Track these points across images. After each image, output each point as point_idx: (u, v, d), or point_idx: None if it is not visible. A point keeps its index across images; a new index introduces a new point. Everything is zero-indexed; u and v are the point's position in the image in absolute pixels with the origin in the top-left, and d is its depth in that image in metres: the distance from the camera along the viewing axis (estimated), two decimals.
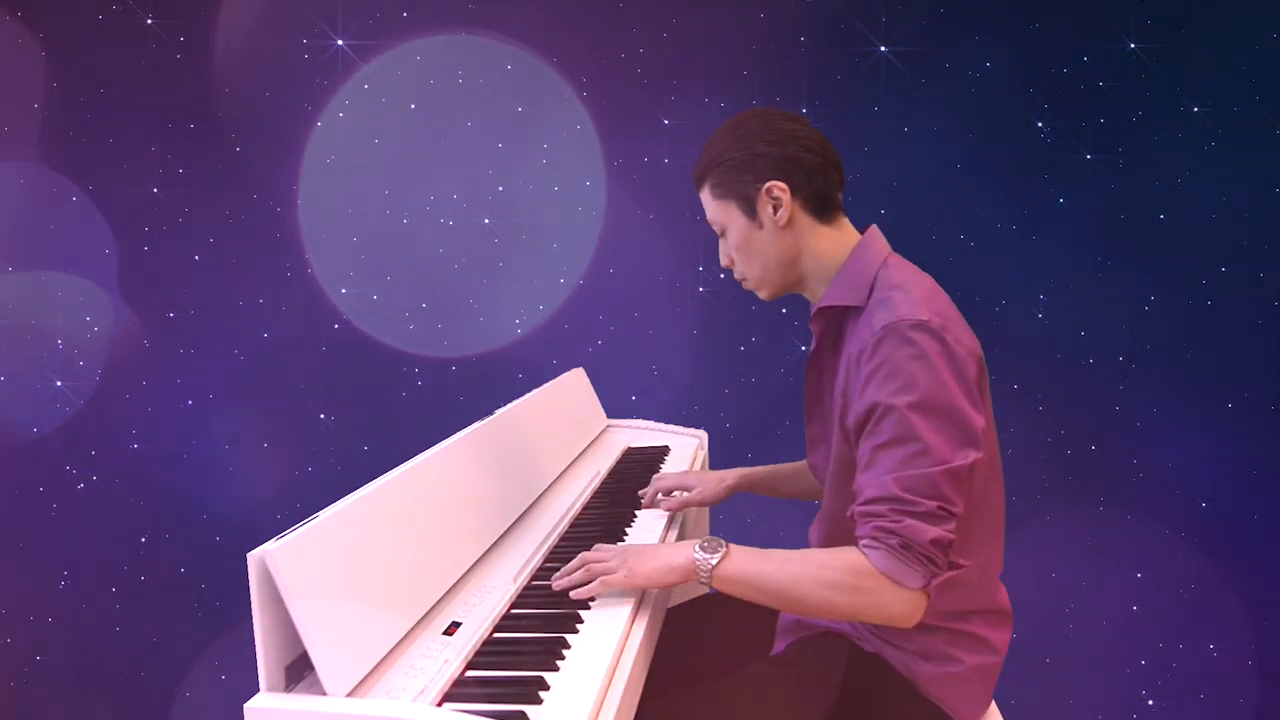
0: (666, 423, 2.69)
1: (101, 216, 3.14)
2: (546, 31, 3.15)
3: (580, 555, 1.51)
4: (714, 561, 1.40)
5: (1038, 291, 3.08)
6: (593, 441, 2.49)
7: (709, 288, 3.21)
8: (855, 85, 3.07)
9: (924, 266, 1.56)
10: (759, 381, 3.20)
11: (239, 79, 3.12)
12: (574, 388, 2.52)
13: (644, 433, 2.67)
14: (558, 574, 1.50)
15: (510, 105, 3.18)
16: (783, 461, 2.03)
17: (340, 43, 3.12)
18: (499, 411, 1.98)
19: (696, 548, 1.42)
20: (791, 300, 3.16)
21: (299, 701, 1.10)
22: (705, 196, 1.60)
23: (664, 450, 2.48)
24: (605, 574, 1.45)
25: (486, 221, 3.22)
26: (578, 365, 2.64)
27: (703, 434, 2.63)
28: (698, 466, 2.41)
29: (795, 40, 3.10)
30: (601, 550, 1.51)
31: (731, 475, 1.99)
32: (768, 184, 1.51)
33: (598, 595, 1.43)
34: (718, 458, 2.65)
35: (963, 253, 3.11)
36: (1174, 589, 3.08)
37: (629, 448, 2.53)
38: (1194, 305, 3.05)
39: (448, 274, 3.22)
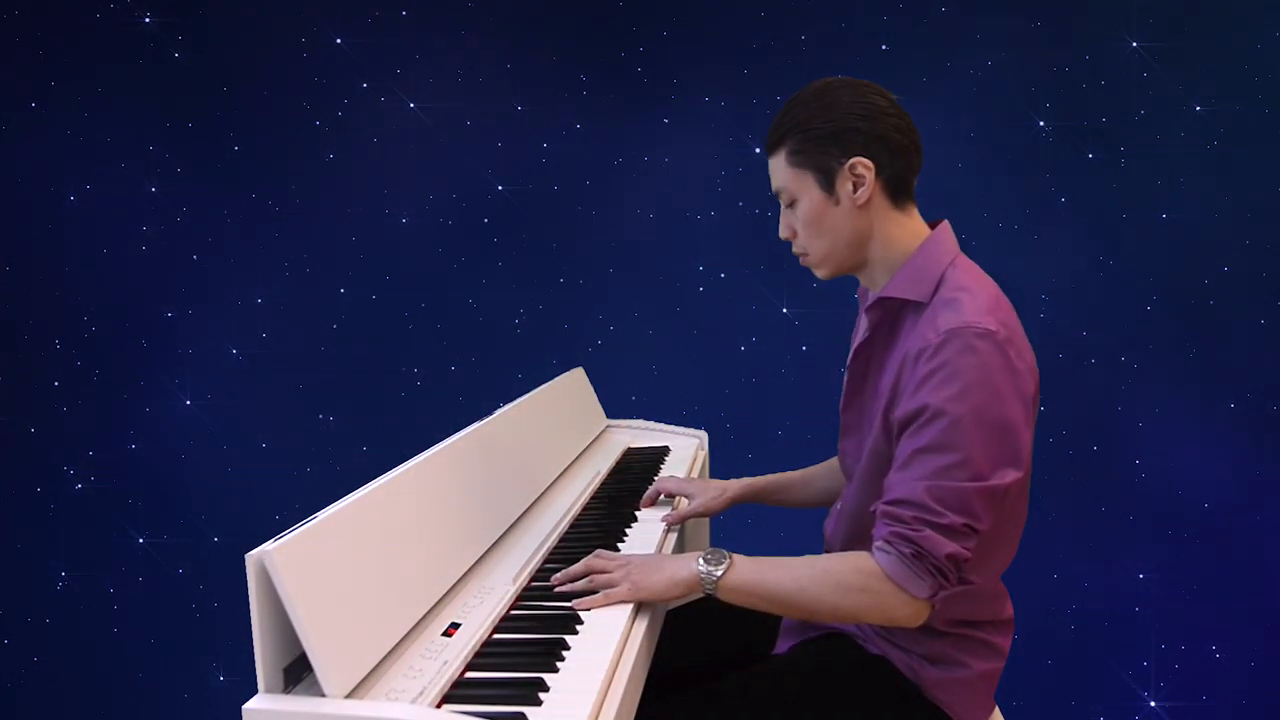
0: (666, 423, 2.68)
1: (99, 216, 3.13)
2: (546, 30, 3.14)
3: (585, 561, 1.49)
4: (718, 574, 1.39)
5: (1039, 291, 3.07)
6: (593, 442, 2.48)
7: (709, 288, 3.20)
8: None
9: None
10: (759, 381, 3.19)
11: (237, 78, 3.12)
12: (574, 388, 2.51)
13: (644, 433, 2.66)
14: (560, 575, 1.49)
15: (509, 104, 3.17)
16: (783, 464, 2.01)
17: (339, 41, 3.11)
18: (498, 412, 1.97)
19: (700, 560, 1.41)
20: (792, 300, 3.17)
21: (297, 703, 1.09)
22: (778, 162, 1.51)
23: (664, 450, 2.47)
24: (608, 586, 1.43)
25: (486, 221, 3.21)
26: (578, 365, 2.63)
27: (703, 434, 2.61)
28: (698, 467, 2.40)
29: (796, 39, 3.10)
30: (604, 558, 1.49)
31: (734, 486, 1.95)
32: (853, 160, 1.44)
33: (600, 608, 1.42)
34: (718, 458, 2.64)
35: (964, 252, 3.09)
36: (1176, 590, 3.07)
37: (629, 448, 2.51)
38: (1196, 305, 3.04)
39: (447, 274, 3.21)
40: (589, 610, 1.41)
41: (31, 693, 3.14)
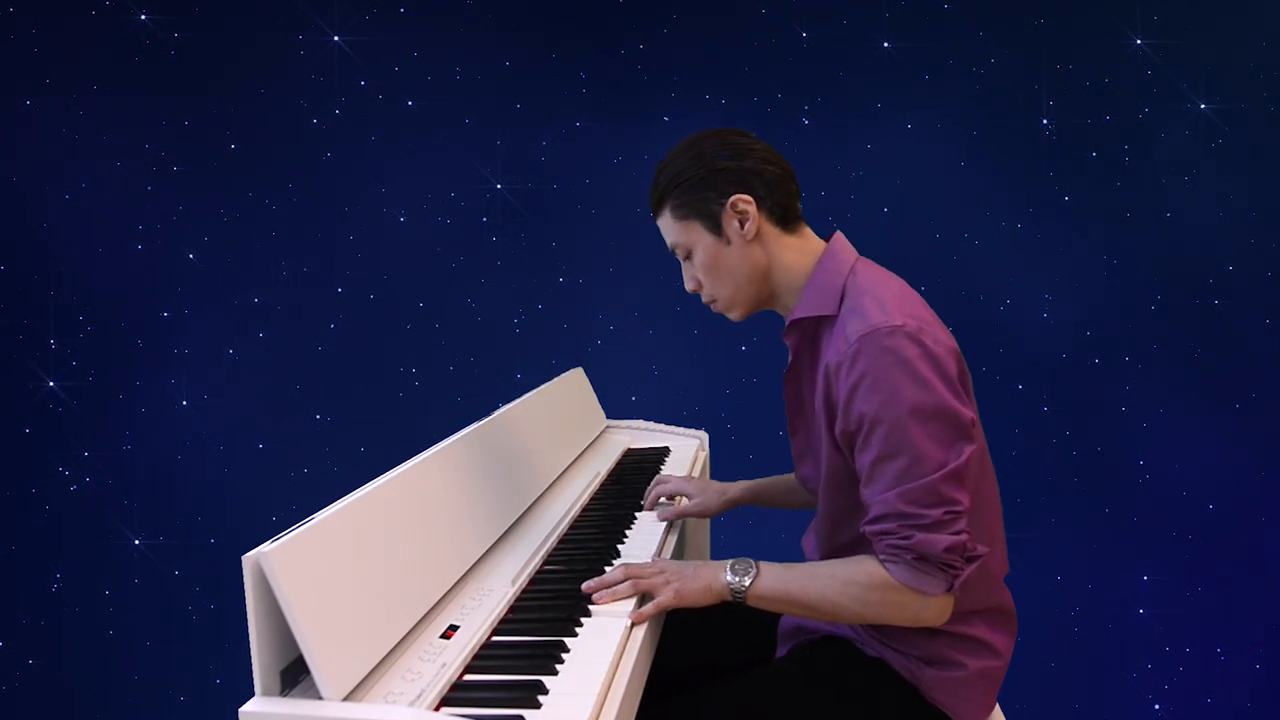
0: (666, 423, 2.67)
1: (95, 215, 3.12)
2: (545, 28, 3.13)
3: (622, 570, 1.48)
4: (747, 583, 1.43)
5: (1042, 291, 3.07)
6: (592, 442, 2.47)
7: None
8: (858, 82, 3.06)
9: (927, 266, 1.54)
10: (760, 382, 3.18)
11: (234, 76, 3.10)
12: (573, 388, 2.50)
13: (644, 433, 2.65)
14: (594, 582, 1.47)
15: (509, 102, 3.16)
16: (783, 465, 2.00)
17: (337, 39, 3.10)
18: (497, 412, 1.96)
19: (729, 571, 1.45)
20: None
21: (295, 706, 1.09)
22: (665, 221, 1.56)
23: (664, 451, 2.46)
24: (650, 592, 1.45)
25: (484, 220, 3.20)
26: (578, 365, 2.62)
27: (703, 435, 2.60)
28: (699, 468, 2.39)
29: (796, 36, 3.09)
30: (639, 566, 1.50)
31: (734, 489, 1.97)
32: (732, 198, 1.49)
33: (649, 617, 1.42)
34: (719, 459, 2.63)
35: (966, 251, 3.09)
36: (1180, 592, 3.07)
37: (629, 449, 2.51)
38: (1200, 305, 3.04)
39: (445, 273, 3.20)
40: (640, 620, 1.40)
41: (27, 695, 3.12)
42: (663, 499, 1.99)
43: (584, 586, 1.47)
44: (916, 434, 1.32)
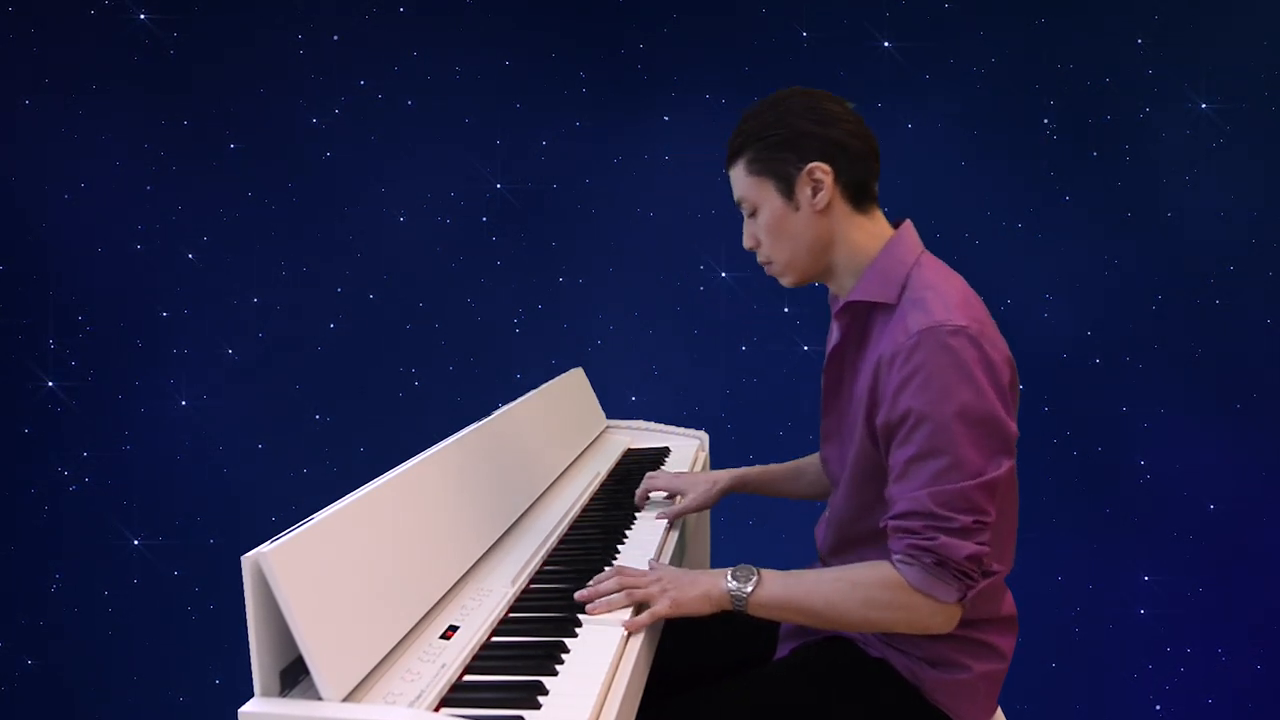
0: (666, 423, 2.67)
1: (94, 214, 3.11)
2: (545, 28, 3.13)
3: (616, 577, 1.45)
4: (748, 590, 1.39)
5: (1043, 290, 3.07)
6: (592, 443, 2.47)
7: (709, 287, 3.19)
8: (858, 81, 3.05)
9: None
10: (760, 381, 3.18)
11: (233, 75, 3.10)
12: (573, 388, 2.50)
13: (644, 434, 2.65)
14: (587, 592, 1.44)
15: (509, 102, 3.15)
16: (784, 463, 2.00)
17: (336, 39, 3.09)
18: (497, 412, 1.95)
19: (729, 577, 1.41)
20: (793, 300, 3.15)
21: (294, 707, 1.08)
22: (738, 172, 1.52)
23: (664, 451, 2.46)
24: (645, 601, 1.41)
25: (484, 220, 3.19)
26: (577, 365, 2.61)
27: (703, 435, 2.60)
28: (698, 467, 2.38)
29: (797, 35, 3.09)
30: (633, 573, 1.46)
31: (724, 477, 1.95)
32: (810, 165, 1.45)
33: (644, 627, 1.38)
34: (719, 459, 2.63)
35: (967, 251, 3.09)
36: (1180, 592, 3.06)
37: (629, 449, 2.50)
38: (1202, 305, 3.03)
39: (445, 273, 3.19)
40: (633, 630, 1.37)
41: (27, 695, 3.12)
42: (652, 496, 1.98)
43: (577, 596, 1.44)
44: (960, 436, 1.30)
